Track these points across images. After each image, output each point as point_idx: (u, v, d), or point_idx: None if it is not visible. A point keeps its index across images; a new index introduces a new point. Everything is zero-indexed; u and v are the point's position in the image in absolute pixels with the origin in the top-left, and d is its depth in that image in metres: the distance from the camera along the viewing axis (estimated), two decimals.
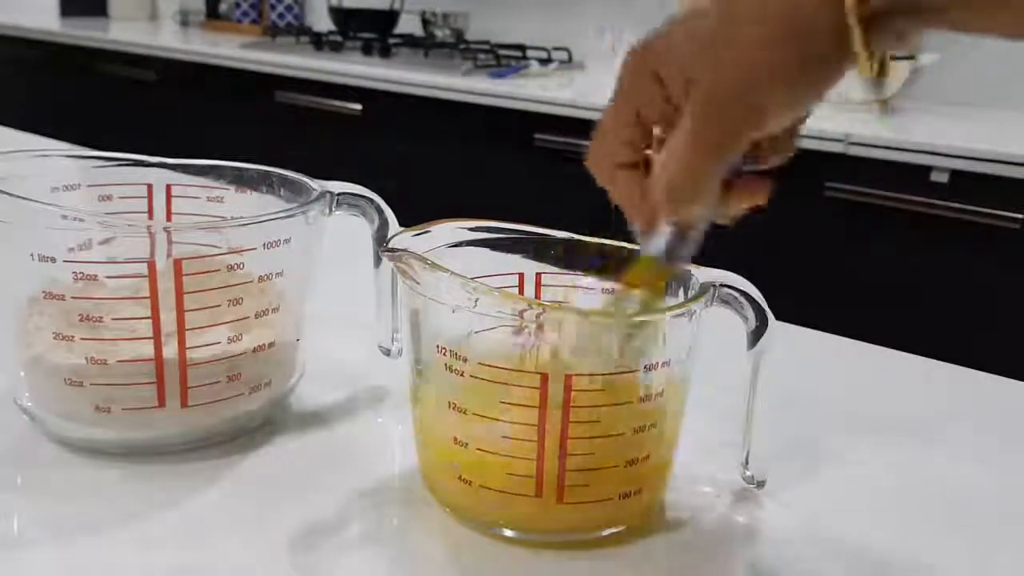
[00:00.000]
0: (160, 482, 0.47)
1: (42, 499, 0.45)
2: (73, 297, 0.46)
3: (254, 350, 0.49)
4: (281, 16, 2.88)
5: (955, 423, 0.60)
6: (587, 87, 1.99)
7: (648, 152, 0.42)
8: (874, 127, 1.64)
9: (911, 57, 1.76)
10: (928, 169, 1.49)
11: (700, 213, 0.41)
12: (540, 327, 0.41)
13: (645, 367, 0.42)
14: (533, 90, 1.89)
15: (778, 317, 0.45)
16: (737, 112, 0.37)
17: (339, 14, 2.54)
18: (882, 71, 0.37)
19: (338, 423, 0.54)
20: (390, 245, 0.43)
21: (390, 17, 2.54)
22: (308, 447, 0.51)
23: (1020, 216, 1.42)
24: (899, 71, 1.75)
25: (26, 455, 0.49)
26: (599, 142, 0.43)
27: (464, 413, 0.42)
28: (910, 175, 1.51)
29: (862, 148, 1.54)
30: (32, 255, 0.46)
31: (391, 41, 2.36)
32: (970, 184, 1.46)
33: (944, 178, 1.49)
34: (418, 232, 0.45)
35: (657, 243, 0.42)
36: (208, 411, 0.49)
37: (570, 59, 2.28)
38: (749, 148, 0.40)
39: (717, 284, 0.44)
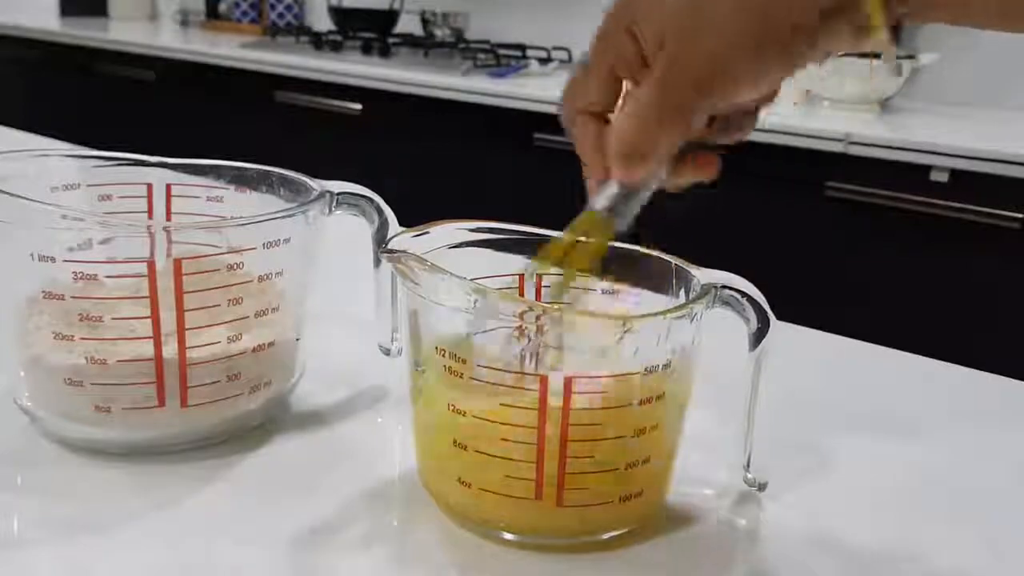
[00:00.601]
0: (160, 482, 0.47)
1: (42, 499, 0.45)
2: (73, 297, 0.46)
3: (254, 350, 0.49)
4: (281, 16, 2.88)
5: (955, 423, 0.60)
6: None
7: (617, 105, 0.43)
8: (874, 127, 1.64)
9: (911, 57, 1.76)
10: (928, 168, 1.50)
11: (649, 175, 0.41)
12: (540, 329, 0.41)
13: (646, 369, 0.41)
14: (533, 90, 1.89)
15: (778, 317, 0.45)
16: (700, 81, 0.38)
17: (339, 14, 2.54)
18: (894, 37, 0.37)
19: (338, 423, 0.54)
20: (389, 246, 0.43)
21: (390, 17, 2.54)
22: (308, 447, 0.51)
23: (1020, 216, 1.42)
24: (898, 70, 1.75)
25: (26, 455, 0.49)
26: (570, 86, 0.43)
27: (463, 415, 0.42)
28: (910, 175, 1.51)
29: (862, 148, 1.54)
30: (32, 255, 0.46)
31: (391, 41, 2.36)
32: (970, 184, 1.46)
33: (944, 177, 1.49)
34: (418, 233, 0.45)
35: (605, 197, 0.42)
36: (208, 411, 0.49)
37: (570, 59, 2.28)
38: (710, 122, 0.41)
39: (719, 286, 0.44)
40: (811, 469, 0.52)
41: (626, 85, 0.42)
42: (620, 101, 0.42)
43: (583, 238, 0.43)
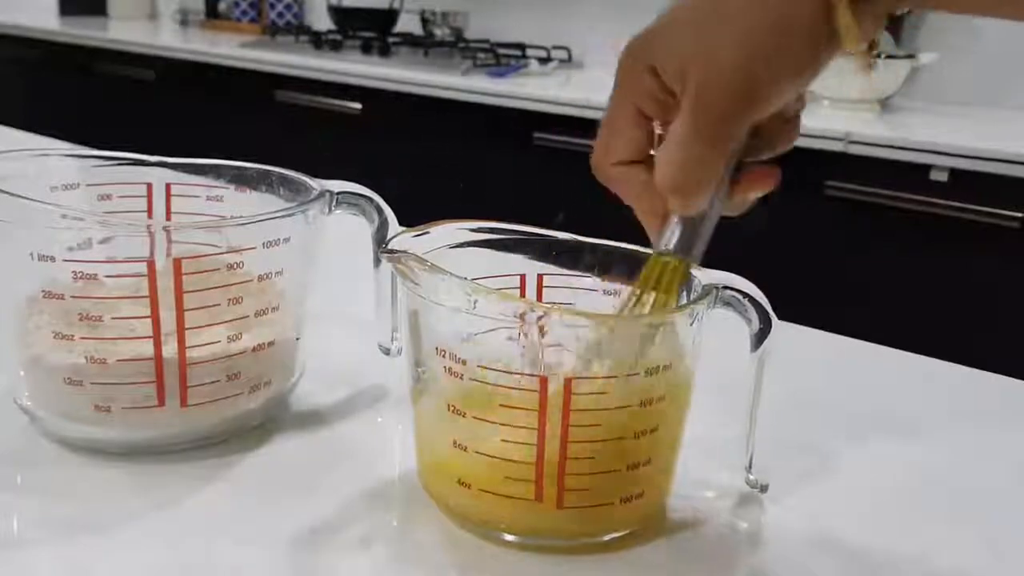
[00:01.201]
0: (160, 482, 0.47)
1: (42, 499, 0.45)
2: (73, 296, 0.46)
3: (254, 349, 0.49)
4: (280, 15, 2.88)
5: (955, 423, 0.60)
6: (586, 86, 1.99)
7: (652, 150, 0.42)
8: (874, 126, 1.64)
9: (911, 56, 1.76)
10: (928, 168, 1.50)
11: (707, 203, 0.41)
12: (540, 329, 0.41)
13: (646, 370, 0.41)
14: (533, 89, 1.89)
15: (778, 317, 0.45)
16: (731, 98, 0.38)
17: (338, 13, 2.54)
18: (871, 52, 0.38)
19: (338, 423, 0.54)
20: (389, 246, 0.43)
21: (389, 16, 2.54)
22: (308, 447, 0.51)
23: (1020, 215, 1.42)
24: (898, 69, 1.75)
25: (26, 455, 0.49)
26: (602, 141, 0.43)
27: (463, 416, 0.42)
28: (910, 174, 1.51)
29: (862, 147, 1.54)
30: (32, 255, 0.46)
31: (390, 40, 2.36)
32: (970, 183, 1.46)
33: (944, 177, 1.49)
34: (418, 233, 0.45)
35: (669, 238, 0.42)
36: (208, 410, 0.49)
37: (569, 58, 2.28)
38: (753, 139, 0.41)
39: (720, 286, 0.44)
40: (812, 470, 0.52)
41: (657, 126, 0.42)
42: (656, 144, 0.42)
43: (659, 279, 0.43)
